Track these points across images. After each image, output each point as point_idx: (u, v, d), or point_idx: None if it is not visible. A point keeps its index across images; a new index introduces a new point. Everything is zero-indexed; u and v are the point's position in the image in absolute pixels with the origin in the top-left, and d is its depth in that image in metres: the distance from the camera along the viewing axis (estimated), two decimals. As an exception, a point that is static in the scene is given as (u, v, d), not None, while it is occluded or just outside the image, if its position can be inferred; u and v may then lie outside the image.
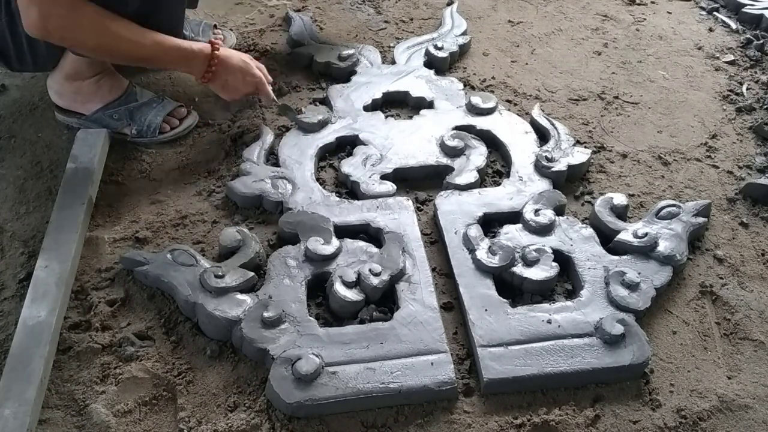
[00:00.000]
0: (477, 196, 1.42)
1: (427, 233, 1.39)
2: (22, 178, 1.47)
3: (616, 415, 1.13)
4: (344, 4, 2.03)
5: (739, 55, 1.91)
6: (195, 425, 1.09)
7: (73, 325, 1.21)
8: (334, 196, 1.42)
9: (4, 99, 1.66)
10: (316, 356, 1.13)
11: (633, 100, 1.76)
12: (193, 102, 1.65)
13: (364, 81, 1.70)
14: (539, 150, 1.52)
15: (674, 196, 1.49)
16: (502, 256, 1.28)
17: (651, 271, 1.29)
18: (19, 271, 1.29)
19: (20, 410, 1.05)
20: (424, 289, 1.25)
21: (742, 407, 1.15)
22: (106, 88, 1.52)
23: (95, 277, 1.29)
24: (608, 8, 2.08)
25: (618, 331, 1.17)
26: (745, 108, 1.73)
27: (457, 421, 1.11)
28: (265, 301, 1.20)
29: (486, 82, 1.77)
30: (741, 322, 1.28)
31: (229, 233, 1.32)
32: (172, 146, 1.56)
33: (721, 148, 1.63)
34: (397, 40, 1.89)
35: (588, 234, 1.35)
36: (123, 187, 1.46)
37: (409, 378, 1.12)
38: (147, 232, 1.36)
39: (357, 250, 1.30)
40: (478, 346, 1.17)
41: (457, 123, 1.60)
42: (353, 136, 1.56)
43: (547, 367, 1.15)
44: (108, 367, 1.15)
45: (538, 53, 1.90)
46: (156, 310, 1.24)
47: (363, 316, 1.22)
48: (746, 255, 1.39)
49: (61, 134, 1.56)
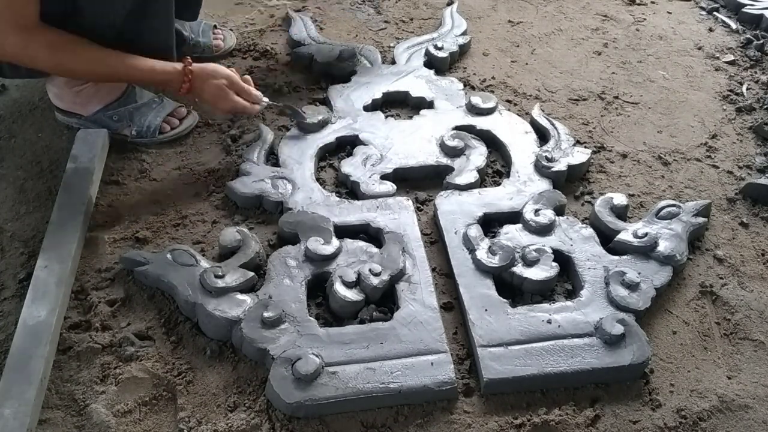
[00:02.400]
0: (477, 196, 1.42)
1: (427, 233, 1.39)
2: (22, 178, 1.47)
3: (616, 415, 1.13)
4: (344, 4, 2.03)
5: (739, 55, 1.91)
6: (195, 425, 1.09)
7: (73, 325, 1.21)
8: (334, 196, 1.42)
9: (4, 99, 1.66)
10: (316, 356, 1.13)
11: (633, 100, 1.76)
12: (193, 102, 1.65)
13: (364, 81, 1.70)
14: (539, 150, 1.52)
15: (674, 196, 1.49)
16: (502, 256, 1.28)
17: (651, 271, 1.29)
18: (19, 271, 1.29)
19: (20, 410, 1.05)
20: (424, 289, 1.25)
21: (742, 407, 1.15)
22: (105, 89, 1.52)
23: (95, 277, 1.29)
24: (608, 8, 2.08)
25: (618, 331, 1.17)
26: (745, 108, 1.73)
27: (457, 421, 1.11)
28: (265, 301, 1.20)
29: (486, 82, 1.77)
30: (741, 322, 1.28)
31: (229, 233, 1.32)
32: (172, 146, 1.56)
33: (721, 148, 1.63)
34: (397, 40, 1.89)
35: (588, 234, 1.35)
36: (123, 187, 1.46)
37: (409, 378, 1.12)
38: (147, 232, 1.36)
39: (357, 250, 1.30)
40: (478, 346, 1.17)
41: (457, 123, 1.60)
42: (353, 136, 1.56)
43: (547, 367, 1.15)
44: (108, 367, 1.15)
45: (538, 53, 1.90)
46: (156, 310, 1.24)
47: (363, 316, 1.22)
48: (746, 255, 1.39)
49: (61, 134, 1.56)
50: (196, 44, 1.75)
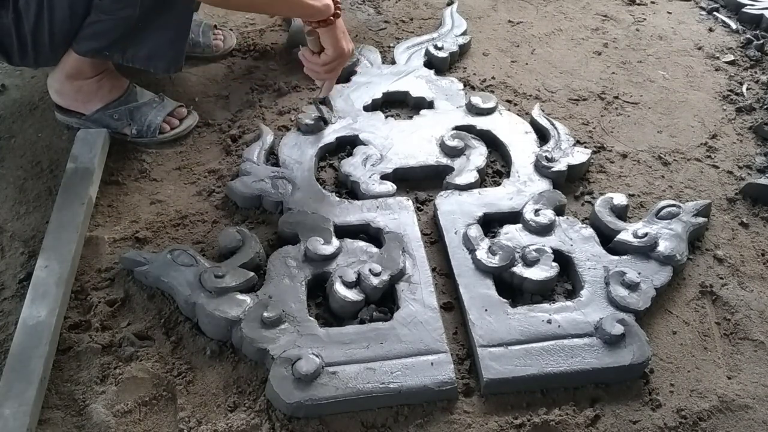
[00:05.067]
0: (477, 196, 1.42)
1: (427, 233, 1.39)
2: (22, 178, 1.47)
3: (616, 415, 1.13)
4: (344, 4, 2.02)
5: (739, 55, 1.91)
6: (195, 425, 1.09)
7: (73, 325, 1.21)
8: (334, 196, 1.42)
9: (4, 99, 1.66)
10: (316, 356, 1.13)
11: (633, 100, 1.76)
12: (193, 102, 1.65)
13: (364, 81, 1.70)
14: (539, 150, 1.52)
15: (674, 196, 1.49)
16: (502, 256, 1.28)
17: (651, 271, 1.29)
18: (19, 271, 1.29)
19: (20, 410, 1.05)
20: (424, 289, 1.25)
21: (742, 407, 1.15)
22: (106, 87, 1.52)
23: (95, 277, 1.29)
24: (608, 8, 2.08)
25: (618, 331, 1.17)
26: (745, 108, 1.73)
27: (457, 421, 1.11)
28: (265, 301, 1.20)
29: (486, 82, 1.77)
30: (741, 322, 1.28)
31: (229, 233, 1.32)
32: (172, 146, 1.56)
33: (721, 148, 1.63)
34: (397, 40, 1.89)
35: (588, 234, 1.35)
36: (123, 187, 1.46)
37: (409, 378, 1.12)
38: (147, 232, 1.36)
39: (357, 250, 1.30)
40: (478, 346, 1.17)
41: (457, 123, 1.59)
42: (353, 136, 1.56)
43: (547, 367, 1.15)
44: (108, 367, 1.15)
45: (538, 53, 1.90)
46: (156, 310, 1.24)
47: (363, 316, 1.22)
48: (746, 255, 1.39)
49: (61, 134, 1.56)
50: (196, 44, 1.75)
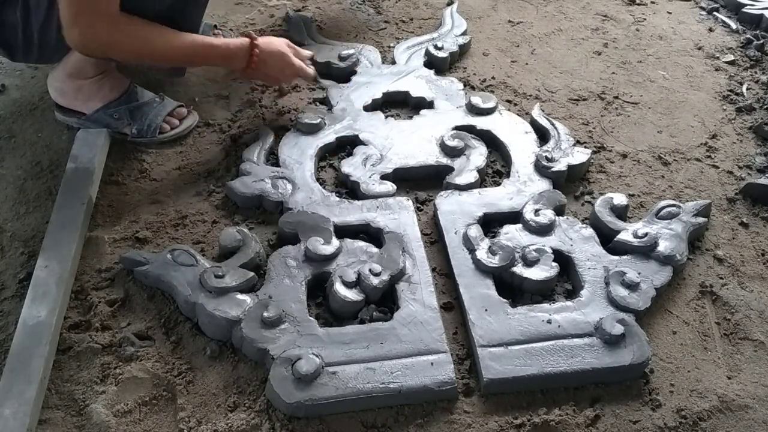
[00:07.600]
0: (477, 196, 1.42)
1: (427, 233, 1.39)
2: (22, 178, 1.47)
3: (616, 415, 1.13)
4: (344, 4, 2.03)
5: (739, 55, 1.91)
6: (195, 425, 1.09)
7: (73, 325, 1.21)
8: (334, 196, 1.42)
9: (4, 99, 1.66)
10: (316, 356, 1.13)
11: (633, 100, 1.76)
12: (193, 102, 1.65)
13: (364, 81, 1.70)
14: (539, 150, 1.52)
15: (674, 196, 1.49)
16: (502, 256, 1.28)
17: (651, 271, 1.29)
18: (19, 271, 1.29)
19: (20, 410, 1.05)
20: (424, 289, 1.25)
21: (742, 407, 1.15)
22: (107, 87, 1.52)
23: (95, 277, 1.29)
24: (608, 8, 2.08)
25: (618, 331, 1.17)
26: (745, 108, 1.73)
27: (457, 421, 1.11)
28: (265, 301, 1.20)
29: (486, 82, 1.77)
30: (741, 322, 1.28)
31: (229, 233, 1.32)
32: (172, 146, 1.56)
33: (721, 148, 1.63)
34: (397, 40, 1.89)
35: (588, 234, 1.35)
36: (123, 187, 1.46)
37: (409, 378, 1.12)
38: (147, 232, 1.36)
39: (357, 250, 1.30)
40: (478, 346, 1.17)
41: (457, 123, 1.59)
42: (353, 136, 1.56)
43: (547, 367, 1.15)
44: (108, 367, 1.15)
45: (538, 53, 1.90)
46: (156, 310, 1.24)
47: (363, 316, 1.22)
48: (746, 255, 1.39)
49: (61, 134, 1.56)
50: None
